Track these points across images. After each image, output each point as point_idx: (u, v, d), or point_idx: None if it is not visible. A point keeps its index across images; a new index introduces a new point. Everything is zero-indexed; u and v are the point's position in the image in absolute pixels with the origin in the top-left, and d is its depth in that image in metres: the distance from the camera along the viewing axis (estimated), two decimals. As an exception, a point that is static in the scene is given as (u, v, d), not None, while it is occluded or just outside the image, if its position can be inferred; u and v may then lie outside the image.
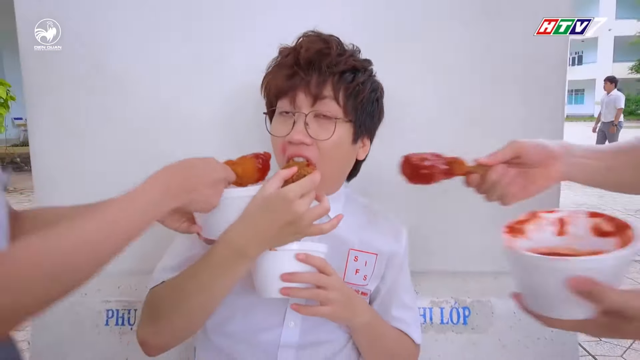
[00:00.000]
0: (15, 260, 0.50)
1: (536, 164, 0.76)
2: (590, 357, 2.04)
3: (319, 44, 0.81)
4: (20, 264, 0.50)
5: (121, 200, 0.59)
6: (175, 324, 0.75)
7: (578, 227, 0.67)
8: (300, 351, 0.83)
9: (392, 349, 0.87)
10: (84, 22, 1.09)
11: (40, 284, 0.51)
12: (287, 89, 0.80)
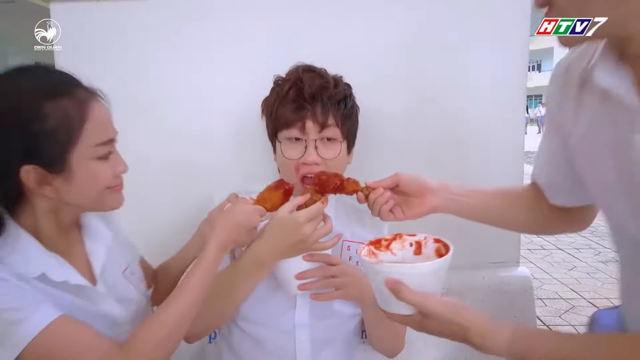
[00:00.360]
0: (134, 350, 0.74)
1: (412, 194, 0.91)
2: None
3: (319, 79, 0.96)
4: (138, 352, 0.74)
5: (198, 276, 0.81)
6: (209, 318, 0.93)
7: (427, 248, 0.81)
8: (313, 328, 0.98)
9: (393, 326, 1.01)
10: (117, 56, 1.20)
11: (154, 357, 0.76)
12: (296, 120, 0.93)
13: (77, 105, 0.75)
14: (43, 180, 0.73)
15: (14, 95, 0.72)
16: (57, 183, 0.74)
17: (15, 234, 0.76)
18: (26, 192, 0.75)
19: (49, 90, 0.74)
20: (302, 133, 0.95)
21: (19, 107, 0.71)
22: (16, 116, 0.71)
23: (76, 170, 0.75)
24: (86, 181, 0.76)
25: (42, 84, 0.74)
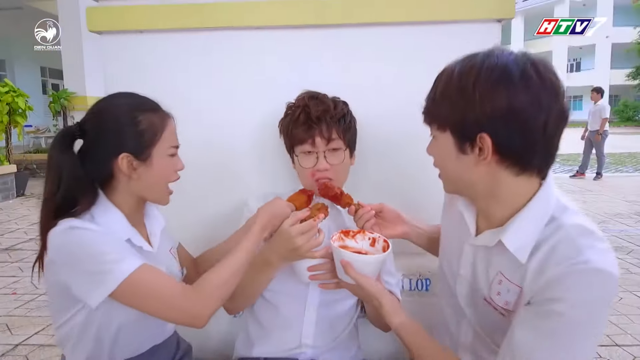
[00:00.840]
0: (201, 291, 0.97)
1: (389, 221, 1.17)
2: None
3: (322, 104, 1.18)
4: (205, 293, 0.97)
5: (246, 245, 1.05)
6: (243, 298, 1.19)
7: (378, 244, 1.10)
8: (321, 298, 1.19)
9: None
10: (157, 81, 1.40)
11: (216, 300, 0.99)
12: (307, 137, 1.15)
13: (159, 118, 1.03)
14: (131, 166, 0.99)
15: (119, 108, 1.01)
16: (140, 170, 1.00)
17: (105, 205, 1.00)
18: (116, 175, 1.01)
19: (142, 106, 1.02)
20: (313, 147, 1.17)
21: (121, 115, 1.00)
22: (119, 121, 0.99)
23: (154, 161, 1.01)
24: (159, 170, 1.02)
25: (136, 102, 1.03)
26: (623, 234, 4.62)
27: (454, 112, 0.85)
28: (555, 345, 0.77)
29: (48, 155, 0.99)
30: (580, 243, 0.79)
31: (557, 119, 0.83)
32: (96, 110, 1.03)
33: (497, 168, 0.85)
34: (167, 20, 1.34)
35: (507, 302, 0.88)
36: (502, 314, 0.90)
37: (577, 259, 0.77)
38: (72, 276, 0.92)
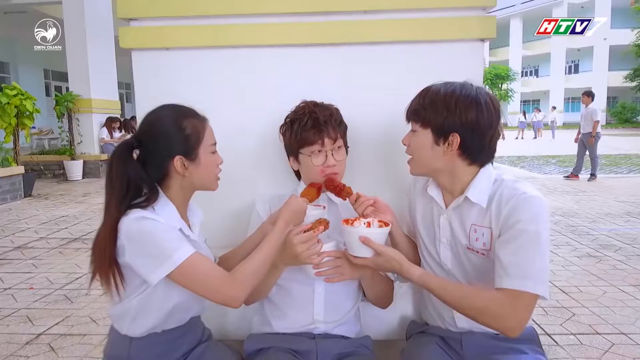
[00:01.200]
0: (238, 278, 1.14)
1: (380, 210, 1.34)
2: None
3: (326, 110, 1.35)
4: (242, 283, 1.15)
5: (272, 240, 1.21)
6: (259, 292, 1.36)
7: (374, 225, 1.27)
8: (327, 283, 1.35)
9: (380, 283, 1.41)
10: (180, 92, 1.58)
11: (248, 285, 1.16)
12: (317, 139, 1.32)
13: (199, 122, 1.21)
14: (184, 166, 1.18)
15: (166, 119, 1.19)
16: (191, 168, 1.19)
17: (164, 200, 1.19)
18: (171, 174, 1.19)
19: (185, 114, 1.21)
20: (322, 146, 1.35)
21: (169, 124, 1.18)
22: (169, 130, 1.17)
23: (201, 159, 1.20)
24: (206, 166, 1.22)
25: (178, 111, 1.21)
26: (612, 233, 4.80)
27: (438, 116, 1.21)
28: (529, 252, 1.11)
29: (109, 164, 1.17)
30: (516, 185, 1.21)
31: (497, 134, 1.24)
32: (147, 123, 1.21)
33: (457, 159, 1.24)
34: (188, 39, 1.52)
35: (484, 243, 1.22)
36: (483, 254, 1.23)
37: (518, 193, 1.17)
38: (138, 257, 1.10)
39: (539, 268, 1.11)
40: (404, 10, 1.47)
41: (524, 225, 1.13)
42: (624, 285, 3.28)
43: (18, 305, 3.07)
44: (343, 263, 1.31)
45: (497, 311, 1.11)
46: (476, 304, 1.14)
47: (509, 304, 1.10)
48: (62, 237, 4.97)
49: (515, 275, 1.10)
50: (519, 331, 1.11)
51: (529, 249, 1.11)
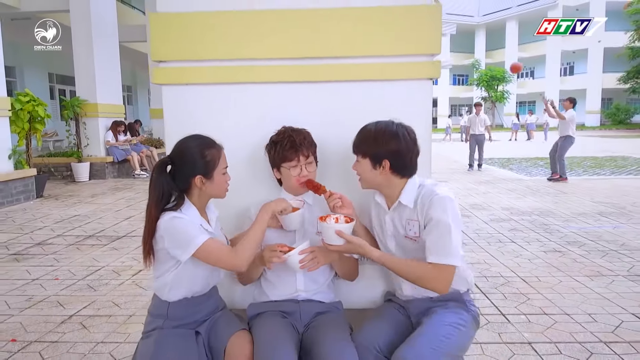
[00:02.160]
0: (240, 253, 1.57)
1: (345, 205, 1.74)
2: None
3: (300, 135, 1.78)
4: (242, 254, 1.57)
5: (257, 226, 1.62)
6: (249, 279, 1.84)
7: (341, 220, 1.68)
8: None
9: (347, 264, 1.86)
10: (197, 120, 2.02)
11: (246, 256, 1.57)
12: (294, 156, 1.75)
13: (216, 151, 1.64)
14: (202, 183, 1.61)
15: (193, 148, 1.62)
16: (207, 184, 1.63)
17: (188, 204, 1.63)
18: (193, 187, 1.63)
19: (207, 145, 1.64)
20: (298, 162, 1.79)
21: (195, 153, 1.61)
22: (194, 157, 1.61)
23: (215, 179, 1.63)
24: (218, 184, 1.65)
25: (202, 142, 1.64)
26: (581, 231, 5.26)
27: (371, 149, 1.68)
28: (444, 237, 1.57)
29: (151, 175, 1.61)
30: (433, 188, 1.66)
31: (415, 155, 1.71)
32: (179, 148, 1.65)
33: (390, 176, 1.70)
34: (203, 77, 1.96)
35: (415, 232, 1.69)
36: (415, 240, 1.70)
37: (433, 194, 1.64)
38: (172, 244, 1.54)
39: (453, 247, 1.56)
40: (369, 57, 1.92)
41: (438, 217, 1.59)
42: (578, 276, 3.73)
43: (48, 292, 3.51)
44: (317, 254, 1.72)
45: (428, 277, 1.57)
46: (416, 273, 1.60)
47: (436, 273, 1.57)
48: (77, 235, 5.41)
49: (437, 253, 1.57)
50: (445, 290, 1.58)
51: (443, 234, 1.58)
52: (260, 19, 1.91)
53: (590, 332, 2.72)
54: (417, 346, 1.50)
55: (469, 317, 1.68)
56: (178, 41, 1.93)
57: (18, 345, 2.64)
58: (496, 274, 3.81)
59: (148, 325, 1.68)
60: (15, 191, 7.32)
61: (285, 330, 1.65)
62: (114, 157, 10.29)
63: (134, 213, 6.67)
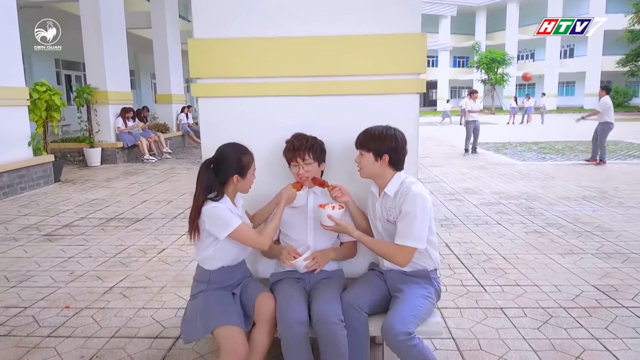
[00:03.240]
0: (263, 234, 2.11)
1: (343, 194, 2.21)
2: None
3: (298, 141, 2.22)
4: (266, 238, 2.10)
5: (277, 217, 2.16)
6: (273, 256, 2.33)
7: (336, 208, 2.17)
8: (316, 232, 2.27)
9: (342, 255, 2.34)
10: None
11: (268, 238, 2.10)
12: (294, 158, 2.19)
13: (250, 157, 2.10)
14: (237, 181, 2.07)
15: (231, 154, 2.07)
16: (240, 182, 2.08)
17: (225, 196, 2.08)
18: (229, 183, 2.08)
19: (242, 152, 2.09)
20: (296, 163, 2.24)
21: (233, 158, 2.06)
22: (232, 161, 2.06)
23: (247, 177, 2.10)
24: (248, 182, 2.11)
25: (239, 149, 2.09)
26: (562, 214, 5.74)
27: (375, 145, 2.14)
28: (410, 224, 2.02)
29: (199, 171, 2.06)
30: (410, 186, 2.10)
31: (405, 153, 2.19)
32: (220, 153, 2.10)
33: (387, 168, 2.16)
34: (230, 91, 2.41)
35: (394, 217, 2.14)
36: (393, 224, 2.13)
37: (408, 191, 2.08)
38: (213, 226, 2.00)
39: (415, 233, 2.03)
40: (367, 75, 2.36)
41: (407, 209, 2.05)
42: (552, 254, 4.22)
43: (85, 268, 4.00)
44: (317, 259, 2.22)
45: (393, 254, 2.07)
46: (384, 250, 2.10)
47: (398, 251, 2.05)
48: (100, 217, 5.89)
49: (401, 237, 2.04)
50: (405, 264, 2.09)
51: (409, 223, 2.04)
52: (275, 44, 2.35)
53: (553, 299, 3.22)
54: (400, 314, 1.96)
55: (433, 290, 2.17)
56: (211, 62, 2.37)
57: (72, 311, 3.13)
58: (480, 252, 4.30)
59: (194, 289, 2.16)
60: (36, 176, 7.78)
61: (298, 291, 2.14)
62: (123, 143, 10.73)
63: (148, 197, 7.14)
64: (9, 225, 5.50)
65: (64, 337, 2.77)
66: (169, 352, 2.59)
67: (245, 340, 1.95)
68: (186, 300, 3.21)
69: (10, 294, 3.44)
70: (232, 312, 2.02)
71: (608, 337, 2.69)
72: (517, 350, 2.56)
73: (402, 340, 1.84)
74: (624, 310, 3.03)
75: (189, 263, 4.09)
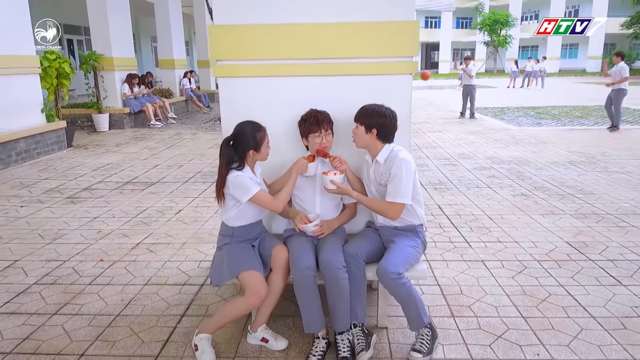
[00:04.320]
0: (277, 199, 2.47)
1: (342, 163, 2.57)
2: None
3: (321, 115, 2.56)
4: (279, 202, 2.47)
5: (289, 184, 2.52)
6: (287, 216, 2.72)
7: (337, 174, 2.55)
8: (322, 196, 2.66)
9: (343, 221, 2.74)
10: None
11: (282, 203, 2.49)
12: (318, 129, 2.55)
13: (263, 133, 2.45)
14: (254, 154, 2.44)
15: (247, 131, 2.42)
16: (256, 155, 2.45)
17: (245, 166, 2.45)
18: (247, 156, 2.44)
19: (257, 128, 2.44)
20: (320, 134, 2.59)
21: (248, 134, 2.41)
22: (248, 137, 2.41)
23: (262, 151, 2.45)
24: (264, 154, 2.47)
25: (254, 126, 2.44)
26: (549, 178, 6.13)
27: (366, 119, 2.49)
28: (398, 185, 2.42)
29: (220, 147, 2.42)
30: (397, 154, 2.48)
31: (394, 130, 2.55)
32: (238, 131, 2.44)
33: (376, 140, 2.52)
34: (248, 72, 2.75)
35: (385, 181, 2.51)
36: (384, 186, 2.49)
37: (396, 157, 2.46)
38: (236, 191, 2.37)
39: (402, 191, 2.42)
40: (366, 58, 2.68)
41: (395, 172, 2.42)
42: (535, 215, 4.64)
43: (111, 227, 4.43)
44: (323, 227, 2.60)
45: (385, 210, 2.47)
46: (378, 207, 2.50)
47: (390, 207, 2.45)
48: (116, 181, 6.29)
49: (391, 195, 2.43)
50: (396, 218, 2.48)
51: (397, 183, 2.42)
52: (287, 30, 2.67)
53: (529, 254, 3.65)
54: (392, 259, 2.37)
55: (420, 241, 2.58)
56: (230, 45, 2.70)
57: (106, 264, 3.57)
58: (469, 213, 4.72)
59: (220, 242, 2.58)
60: (50, 142, 8.14)
61: (307, 243, 2.55)
62: (130, 109, 11.02)
63: (159, 162, 7.53)
64: (32, 189, 5.91)
65: (104, 285, 3.22)
66: (196, 296, 3.04)
67: (265, 283, 2.37)
68: (206, 254, 3.68)
69: (48, 250, 3.88)
70: (254, 260, 2.43)
71: (572, 285, 3.13)
72: (493, 294, 3.01)
73: (393, 279, 2.26)
74: (590, 263, 3.47)
75: (205, 222, 4.51)
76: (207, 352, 2.33)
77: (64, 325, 2.70)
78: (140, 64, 21.14)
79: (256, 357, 2.39)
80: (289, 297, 2.80)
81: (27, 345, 2.51)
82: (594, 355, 2.35)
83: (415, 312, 2.34)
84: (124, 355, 2.41)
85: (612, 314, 2.74)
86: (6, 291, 3.14)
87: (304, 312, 2.38)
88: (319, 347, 2.35)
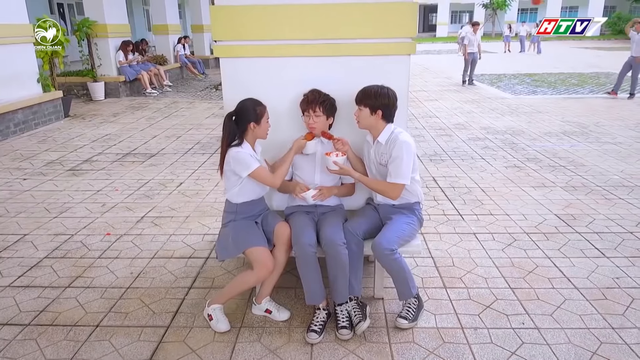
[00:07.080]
0: (276, 176, 2.58)
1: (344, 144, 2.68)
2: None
3: (313, 95, 2.63)
4: (277, 178, 2.58)
5: (287, 161, 2.62)
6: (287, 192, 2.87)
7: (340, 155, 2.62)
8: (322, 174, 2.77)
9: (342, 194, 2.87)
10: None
11: (280, 179, 2.60)
12: (308, 109, 2.64)
13: (263, 108, 2.54)
14: (254, 128, 2.53)
15: (249, 106, 2.52)
16: (256, 129, 2.54)
17: (245, 142, 2.55)
18: (247, 130, 2.53)
19: (257, 104, 2.53)
20: (308, 113, 2.67)
21: (250, 109, 2.51)
22: (249, 111, 2.51)
23: (262, 125, 2.55)
24: (263, 128, 2.57)
25: (255, 102, 2.53)
26: (541, 149, 6.25)
27: (370, 102, 2.58)
28: (398, 166, 2.54)
29: (224, 122, 2.52)
30: (398, 135, 2.59)
31: (395, 109, 2.65)
32: (241, 105, 2.53)
33: (380, 120, 2.63)
34: (247, 52, 2.80)
35: (386, 161, 2.63)
36: (384, 166, 2.61)
37: (397, 139, 2.57)
38: (237, 166, 2.47)
39: (402, 173, 2.53)
40: (366, 38, 2.74)
41: (396, 154, 2.54)
42: (526, 187, 4.78)
43: (115, 200, 4.54)
44: (323, 191, 2.71)
45: (386, 190, 2.59)
46: (379, 187, 2.62)
47: (390, 187, 2.57)
48: (116, 153, 6.35)
49: (392, 175, 2.55)
50: (396, 198, 2.61)
51: (397, 165, 2.53)
52: (287, 11, 2.71)
53: (519, 226, 3.81)
54: (386, 235, 2.51)
55: (416, 219, 2.71)
56: (230, 26, 2.74)
57: (113, 238, 3.71)
58: (462, 185, 4.86)
59: (225, 219, 2.70)
60: (47, 112, 8.13)
61: (308, 220, 2.68)
62: (125, 77, 10.93)
63: (157, 132, 7.57)
64: (33, 161, 5.97)
65: (112, 258, 3.36)
66: (202, 269, 3.19)
67: (272, 257, 2.52)
68: (209, 228, 3.82)
69: (55, 223, 4.00)
70: (259, 236, 2.57)
71: (558, 257, 3.30)
72: (483, 266, 3.17)
73: (386, 255, 2.42)
74: (577, 236, 3.63)
75: (206, 195, 4.64)
76: (222, 321, 2.51)
77: (78, 298, 2.85)
78: (133, 29, 20.67)
79: (261, 326, 2.56)
80: (290, 270, 2.95)
81: (45, 317, 2.66)
82: (575, 324, 2.53)
83: (405, 284, 2.51)
84: (137, 326, 2.57)
85: (595, 285, 2.92)
86: (19, 265, 3.28)
87: (306, 285, 2.54)
88: (319, 317, 2.52)
